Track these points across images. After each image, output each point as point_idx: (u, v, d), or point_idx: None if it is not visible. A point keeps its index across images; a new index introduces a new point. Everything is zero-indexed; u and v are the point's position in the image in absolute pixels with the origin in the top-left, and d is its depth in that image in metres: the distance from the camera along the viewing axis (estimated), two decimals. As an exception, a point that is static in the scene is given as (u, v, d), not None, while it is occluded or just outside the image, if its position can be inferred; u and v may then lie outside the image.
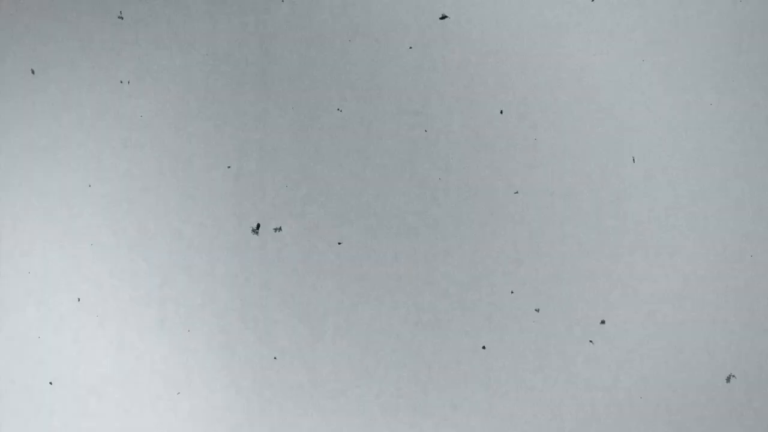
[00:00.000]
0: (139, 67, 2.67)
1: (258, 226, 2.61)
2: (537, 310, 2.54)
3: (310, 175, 2.61)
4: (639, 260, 2.52)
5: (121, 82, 2.67)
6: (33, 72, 2.71)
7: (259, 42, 2.64)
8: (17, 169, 2.71)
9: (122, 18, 2.68)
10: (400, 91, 2.59)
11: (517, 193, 2.54)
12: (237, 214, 2.62)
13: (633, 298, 2.52)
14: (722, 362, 2.51)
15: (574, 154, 2.54)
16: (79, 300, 2.67)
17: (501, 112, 2.56)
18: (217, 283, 2.63)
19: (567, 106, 2.55)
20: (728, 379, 2.51)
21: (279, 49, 2.63)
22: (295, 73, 2.62)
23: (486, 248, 2.56)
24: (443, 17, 2.58)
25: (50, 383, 2.68)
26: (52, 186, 2.69)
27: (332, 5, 2.63)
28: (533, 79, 2.55)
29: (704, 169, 2.52)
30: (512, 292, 2.54)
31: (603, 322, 2.53)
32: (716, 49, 2.53)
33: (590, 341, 2.53)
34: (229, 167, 2.63)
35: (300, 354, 2.60)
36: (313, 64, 2.62)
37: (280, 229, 2.61)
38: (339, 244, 2.59)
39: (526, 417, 2.55)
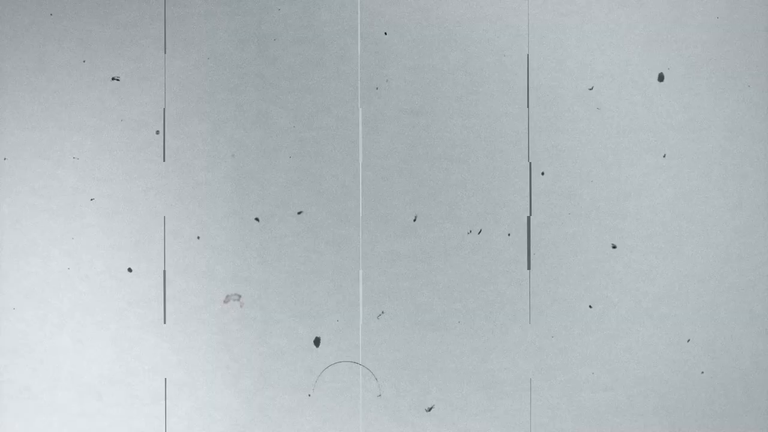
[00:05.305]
0: (140, 67, 2.67)
1: (258, 224, 2.62)
2: (537, 310, 2.54)
3: (310, 175, 2.61)
4: (639, 259, 2.53)
5: (120, 81, 2.68)
6: (34, 73, 2.71)
7: (259, 42, 2.64)
8: (17, 169, 2.71)
9: (122, 19, 2.69)
10: (400, 91, 2.59)
11: (516, 193, 2.55)
12: (237, 213, 2.62)
13: (633, 297, 2.53)
14: (723, 361, 2.51)
15: (574, 154, 2.55)
16: (79, 299, 2.67)
17: (501, 113, 2.56)
18: (217, 283, 2.63)
19: (567, 106, 2.55)
20: (728, 379, 2.51)
21: (279, 49, 2.63)
22: (295, 73, 2.62)
23: (485, 248, 2.56)
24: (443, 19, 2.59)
25: (50, 383, 2.68)
26: (52, 186, 2.69)
27: (332, 5, 2.63)
28: (533, 79, 2.56)
29: (704, 168, 2.53)
30: (511, 292, 2.55)
31: (601, 321, 2.54)
32: (716, 49, 2.53)
33: (590, 341, 2.53)
34: (229, 166, 2.63)
35: (300, 354, 2.61)
36: (313, 64, 2.62)
37: (280, 228, 2.61)
38: (338, 243, 2.59)
39: (527, 417, 2.55)
